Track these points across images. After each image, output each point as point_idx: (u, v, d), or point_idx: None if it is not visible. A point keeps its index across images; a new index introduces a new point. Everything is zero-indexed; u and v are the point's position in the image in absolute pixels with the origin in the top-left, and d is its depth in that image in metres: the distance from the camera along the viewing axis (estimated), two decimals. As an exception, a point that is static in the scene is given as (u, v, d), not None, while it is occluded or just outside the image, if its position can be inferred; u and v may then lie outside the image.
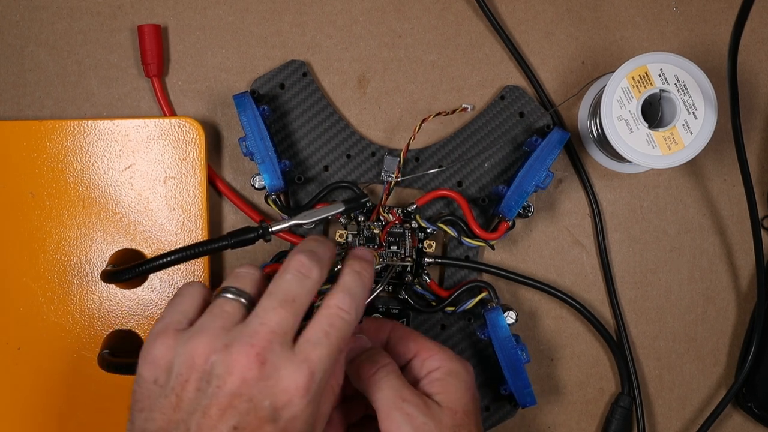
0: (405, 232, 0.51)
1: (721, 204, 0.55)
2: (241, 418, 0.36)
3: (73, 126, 0.52)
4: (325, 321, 0.39)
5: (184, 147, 0.52)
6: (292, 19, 0.54)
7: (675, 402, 0.55)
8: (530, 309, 0.54)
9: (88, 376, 0.51)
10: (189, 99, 0.54)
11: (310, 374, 0.37)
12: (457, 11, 0.55)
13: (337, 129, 0.53)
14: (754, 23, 0.54)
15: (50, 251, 0.52)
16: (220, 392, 0.36)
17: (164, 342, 0.38)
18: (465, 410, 0.42)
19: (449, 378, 0.43)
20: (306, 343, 0.38)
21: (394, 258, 0.51)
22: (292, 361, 0.37)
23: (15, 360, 0.51)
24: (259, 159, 0.49)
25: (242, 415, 0.36)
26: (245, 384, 0.36)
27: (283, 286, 0.39)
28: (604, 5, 0.55)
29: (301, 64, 0.53)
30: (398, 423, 0.40)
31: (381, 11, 0.54)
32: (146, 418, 0.37)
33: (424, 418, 0.41)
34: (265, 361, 0.36)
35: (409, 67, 0.54)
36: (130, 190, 0.52)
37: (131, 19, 0.54)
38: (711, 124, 0.48)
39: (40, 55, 0.54)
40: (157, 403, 0.37)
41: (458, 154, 0.53)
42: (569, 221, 0.55)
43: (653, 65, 0.48)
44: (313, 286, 0.40)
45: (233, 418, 0.36)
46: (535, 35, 0.55)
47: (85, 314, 0.52)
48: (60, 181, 0.52)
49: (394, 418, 0.41)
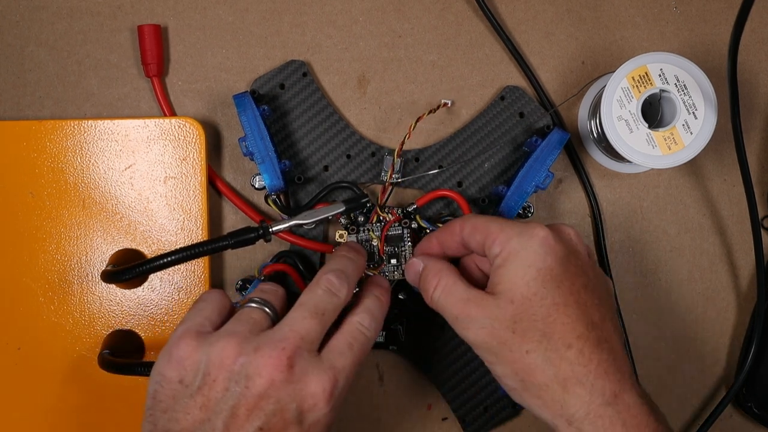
0: (404, 236, 0.51)
1: (721, 204, 0.55)
2: (267, 419, 0.37)
3: (73, 126, 0.52)
4: (348, 335, 0.41)
5: (184, 147, 0.52)
6: (292, 20, 0.54)
7: (675, 402, 0.55)
8: (530, 309, 0.54)
9: (88, 376, 0.51)
10: (189, 99, 0.54)
11: (334, 381, 0.38)
12: (457, 11, 0.55)
13: (337, 129, 0.53)
14: (754, 23, 0.54)
15: (50, 251, 0.52)
16: (249, 393, 0.37)
17: (189, 343, 0.38)
18: (524, 296, 0.39)
19: (506, 263, 0.40)
20: (331, 353, 0.39)
21: (395, 273, 0.51)
22: (319, 368, 0.38)
23: (15, 360, 0.51)
24: (259, 159, 0.49)
25: (269, 416, 0.37)
26: (273, 386, 0.37)
27: (314, 300, 0.41)
28: (604, 5, 0.55)
29: (301, 64, 0.53)
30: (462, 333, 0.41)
31: (381, 11, 0.54)
32: (170, 418, 0.37)
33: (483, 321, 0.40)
34: (293, 365, 0.37)
35: (409, 67, 0.54)
36: (131, 190, 0.52)
37: (131, 19, 0.54)
38: (711, 124, 0.48)
39: (40, 55, 0.54)
40: (183, 403, 0.37)
41: (458, 154, 0.53)
42: (569, 221, 0.55)
43: (653, 65, 0.49)
44: (340, 303, 0.41)
45: (260, 419, 0.37)
46: (535, 35, 0.55)
47: (86, 314, 0.52)
48: (60, 181, 0.52)
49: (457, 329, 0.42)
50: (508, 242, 0.41)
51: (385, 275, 0.51)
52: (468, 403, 0.53)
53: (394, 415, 0.54)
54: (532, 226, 0.41)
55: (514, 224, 0.41)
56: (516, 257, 0.40)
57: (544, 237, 0.40)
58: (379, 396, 0.54)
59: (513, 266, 0.40)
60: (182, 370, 0.38)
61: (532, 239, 0.40)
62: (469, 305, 0.41)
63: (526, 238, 0.40)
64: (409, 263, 0.46)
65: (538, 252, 0.40)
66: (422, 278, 0.44)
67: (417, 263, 0.46)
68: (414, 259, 0.46)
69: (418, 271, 0.45)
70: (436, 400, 0.54)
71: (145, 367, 0.46)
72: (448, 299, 0.42)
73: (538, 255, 0.40)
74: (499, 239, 0.41)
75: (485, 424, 0.53)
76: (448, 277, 0.43)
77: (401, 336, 0.52)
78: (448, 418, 0.54)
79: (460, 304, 0.41)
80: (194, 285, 0.52)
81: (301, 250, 0.52)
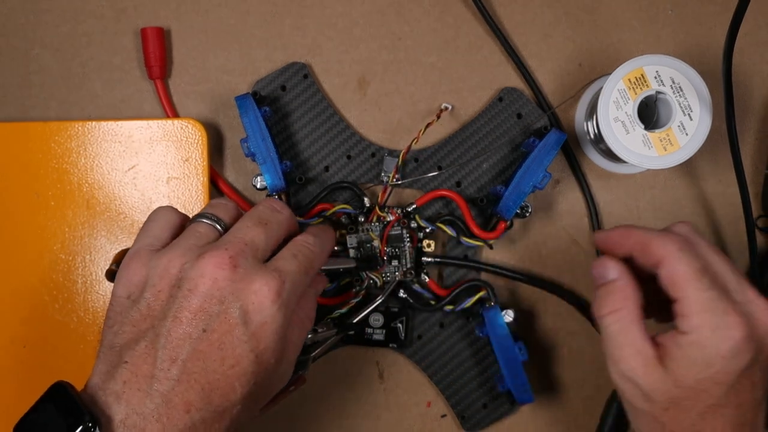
0: (404, 236, 0.52)
1: (716, 204, 0.55)
2: (211, 320, 0.36)
3: (78, 127, 0.52)
4: (293, 247, 0.41)
5: (186, 148, 0.52)
6: (293, 22, 0.55)
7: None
8: (528, 307, 0.55)
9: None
10: (191, 100, 0.55)
11: (280, 282, 0.38)
12: (456, 14, 0.55)
13: (337, 130, 0.54)
14: (748, 26, 0.55)
15: (55, 251, 0.52)
16: (191, 295, 0.36)
17: (138, 261, 0.39)
18: (692, 387, 0.37)
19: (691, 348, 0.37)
20: (276, 260, 0.39)
21: (396, 273, 0.52)
22: (264, 269, 0.38)
23: (20, 358, 0.52)
24: (261, 160, 0.50)
25: (212, 317, 0.36)
26: (216, 285, 0.36)
27: (257, 212, 0.41)
28: (601, 8, 0.55)
29: (302, 66, 0.54)
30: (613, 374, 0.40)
31: (381, 14, 0.55)
32: (116, 332, 0.37)
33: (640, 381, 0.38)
34: (237, 265, 0.37)
35: (409, 69, 0.55)
36: (134, 190, 0.52)
37: (134, 22, 0.54)
38: (706, 126, 0.49)
39: (45, 58, 0.54)
40: (128, 315, 0.37)
41: (457, 155, 0.54)
42: (566, 221, 0.55)
43: (649, 67, 0.49)
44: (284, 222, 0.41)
45: (203, 321, 0.36)
46: (533, 38, 0.55)
47: (90, 313, 0.52)
48: (64, 181, 0.52)
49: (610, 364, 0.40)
50: (699, 330, 0.37)
51: (386, 276, 0.52)
52: (466, 400, 0.53)
53: (393, 412, 0.55)
54: (731, 320, 0.37)
55: (712, 307, 0.37)
56: (702, 350, 0.37)
57: (740, 340, 0.37)
58: (379, 393, 0.55)
59: (695, 355, 0.37)
60: (130, 286, 0.38)
61: (726, 342, 0.37)
62: (636, 359, 0.38)
63: (720, 334, 0.37)
64: (603, 265, 0.41)
65: (726, 357, 0.37)
66: (606, 290, 0.40)
67: (612, 271, 0.41)
68: (610, 263, 0.41)
69: (605, 278, 0.41)
70: (435, 397, 0.55)
71: None
72: (618, 337, 0.39)
73: (726, 360, 0.37)
74: (692, 320, 0.38)
75: (483, 420, 0.53)
76: (630, 312, 0.39)
77: (401, 334, 0.53)
78: (447, 415, 0.55)
79: (628, 350, 0.39)
80: (197, 284, 0.52)
81: (302, 249, 0.53)
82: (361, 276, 0.52)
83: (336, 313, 0.51)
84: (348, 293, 0.52)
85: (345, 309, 0.51)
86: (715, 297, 0.38)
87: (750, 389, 0.38)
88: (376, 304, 0.50)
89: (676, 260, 0.38)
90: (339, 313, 0.51)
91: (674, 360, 0.38)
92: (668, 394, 0.38)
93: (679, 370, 0.38)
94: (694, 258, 0.39)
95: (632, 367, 0.38)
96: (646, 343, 0.39)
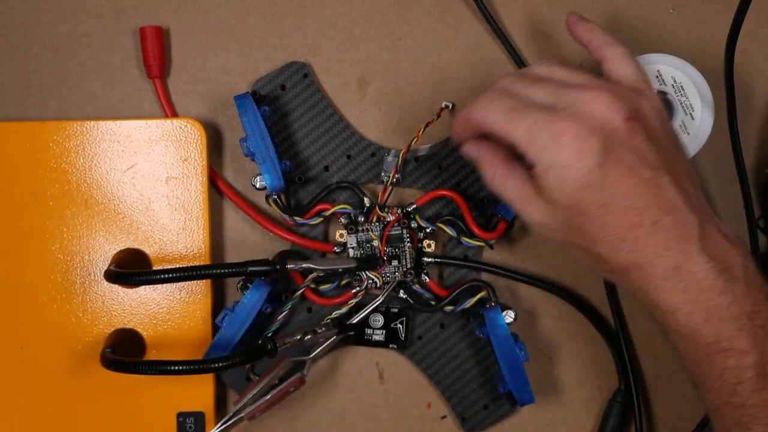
0: (404, 236, 0.52)
1: (717, 203, 0.55)
2: None
3: (76, 127, 0.52)
4: None
5: (185, 148, 0.52)
6: (293, 22, 0.55)
7: (673, 399, 0.55)
8: (529, 308, 0.55)
9: (91, 375, 0.52)
10: (191, 100, 0.55)
11: None
12: (456, 14, 0.55)
13: (337, 130, 0.53)
14: (750, 25, 0.55)
15: (53, 251, 0.52)
16: None
17: None
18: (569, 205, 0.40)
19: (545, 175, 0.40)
20: None
21: (396, 274, 0.51)
22: None
23: (18, 359, 0.52)
24: (260, 159, 0.49)
25: None
26: None
27: None
28: (602, 8, 0.55)
29: (302, 65, 0.54)
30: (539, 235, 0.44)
31: (381, 14, 0.55)
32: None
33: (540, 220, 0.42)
34: None
35: (409, 68, 0.55)
36: (133, 190, 0.52)
37: (134, 22, 0.54)
38: (708, 125, 0.49)
39: (44, 57, 0.54)
40: None
41: (457, 154, 0.53)
42: (567, 221, 0.55)
43: (651, 66, 0.49)
44: None
45: None
46: (534, 37, 0.55)
47: (88, 313, 0.52)
48: (63, 181, 0.52)
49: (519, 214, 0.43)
50: (537, 156, 0.39)
51: (386, 276, 0.52)
52: (467, 401, 0.53)
53: (393, 413, 0.55)
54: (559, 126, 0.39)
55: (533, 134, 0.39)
56: (551, 171, 0.39)
57: (572, 142, 0.38)
58: (379, 394, 0.55)
59: (551, 179, 0.39)
60: None
61: (561, 150, 0.38)
62: (527, 204, 0.42)
63: (552, 149, 0.39)
64: (465, 151, 0.46)
65: (571, 163, 0.38)
66: (478, 166, 0.45)
67: (471, 150, 0.45)
68: (466, 146, 0.46)
69: (473, 157, 0.45)
70: (436, 398, 0.54)
71: (146, 366, 0.46)
72: (508, 194, 0.43)
73: (573, 166, 0.38)
74: (529, 154, 0.40)
75: (484, 421, 0.53)
76: (502, 168, 0.43)
77: (401, 334, 0.53)
78: (448, 416, 0.55)
79: (519, 201, 0.42)
80: (195, 284, 0.52)
81: (301, 249, 0.53)
82: (361, 276, 0.51)
83: (336, 313, 0.51)
84: (348, 293, 0.52)
85: (345, 309, 0.51)
86: (531, 123, 0.39)
87: (627, 174, 0.38)
88: (376, 304, 0.50)
89: (489, 118, 0.42)
90: (339, 314, 0.51)
91: (544, 189, 0.40)
92: (561, 218, 0.40)
93: (552, 195, 0.40)
94: (502, 102, 0.41)
95: (528, 212, 0.42)
96: (524, 185, 0.42)
